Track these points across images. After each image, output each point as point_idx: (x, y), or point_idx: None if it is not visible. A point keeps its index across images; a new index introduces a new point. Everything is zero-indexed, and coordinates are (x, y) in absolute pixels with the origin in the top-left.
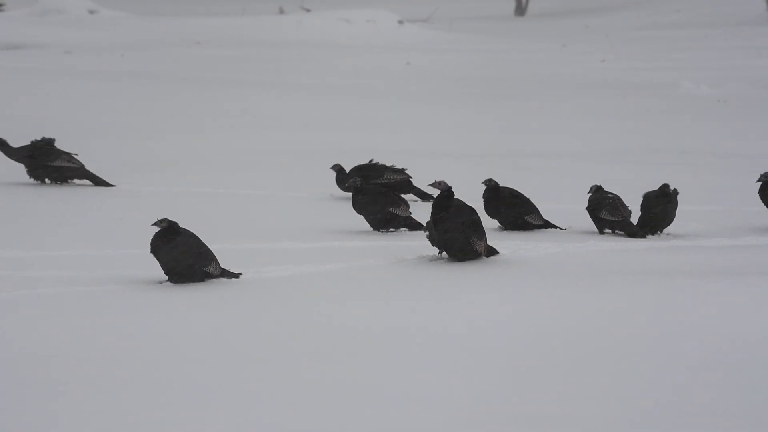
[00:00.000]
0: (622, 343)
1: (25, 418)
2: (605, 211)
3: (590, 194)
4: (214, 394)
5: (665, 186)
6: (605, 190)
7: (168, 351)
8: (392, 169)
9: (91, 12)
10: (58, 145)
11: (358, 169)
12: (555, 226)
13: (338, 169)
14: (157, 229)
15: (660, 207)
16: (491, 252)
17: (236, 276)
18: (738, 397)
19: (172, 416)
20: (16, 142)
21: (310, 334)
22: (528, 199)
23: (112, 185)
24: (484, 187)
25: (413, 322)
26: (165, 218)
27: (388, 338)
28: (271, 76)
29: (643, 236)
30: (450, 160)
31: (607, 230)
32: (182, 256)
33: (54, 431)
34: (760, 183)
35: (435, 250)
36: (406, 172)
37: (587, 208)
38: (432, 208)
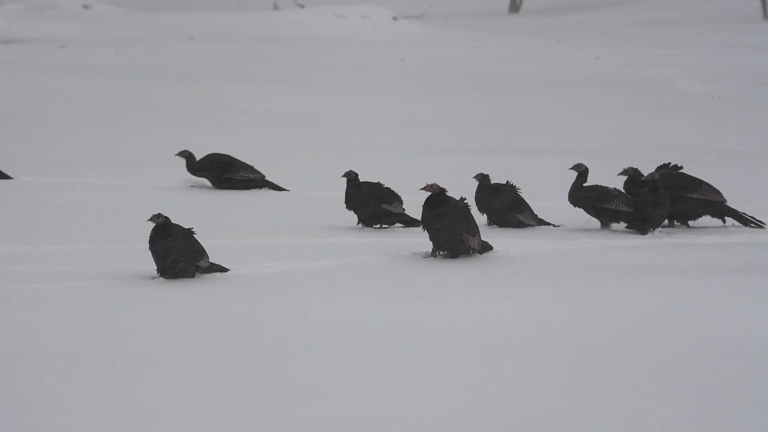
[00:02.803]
0: (620, 341)
1: (20, 413)
2: (618, 201)
3: (572, 169)
4: (209, 390)
5: (652, 174)
6: (603, 185)
7: (163, 346)
8: (247, 167)
9: (86, 7)
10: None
11: (214, 161)
12: (548, 224)
13: (187, 155)
14: (152, 224)
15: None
16: (485, 247)
17: (225, 270)
18: (739, 394)
19: (166, 411)
20: (9, 137)
21: (304, 330)
22: (521, 198)
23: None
24: (476, 183)
25: (408, 318)
26: (160, 213)
27: (382, 334)
28: (265, 72)
29: (645, 233)
30: (444, 155)
31: (613, 222)
32: (176, 252)
33: (48, 426)
34: (625, 177)
35: (429, 247)
36: (260, 171)
37: (590, 202)
38: (423, 207)
